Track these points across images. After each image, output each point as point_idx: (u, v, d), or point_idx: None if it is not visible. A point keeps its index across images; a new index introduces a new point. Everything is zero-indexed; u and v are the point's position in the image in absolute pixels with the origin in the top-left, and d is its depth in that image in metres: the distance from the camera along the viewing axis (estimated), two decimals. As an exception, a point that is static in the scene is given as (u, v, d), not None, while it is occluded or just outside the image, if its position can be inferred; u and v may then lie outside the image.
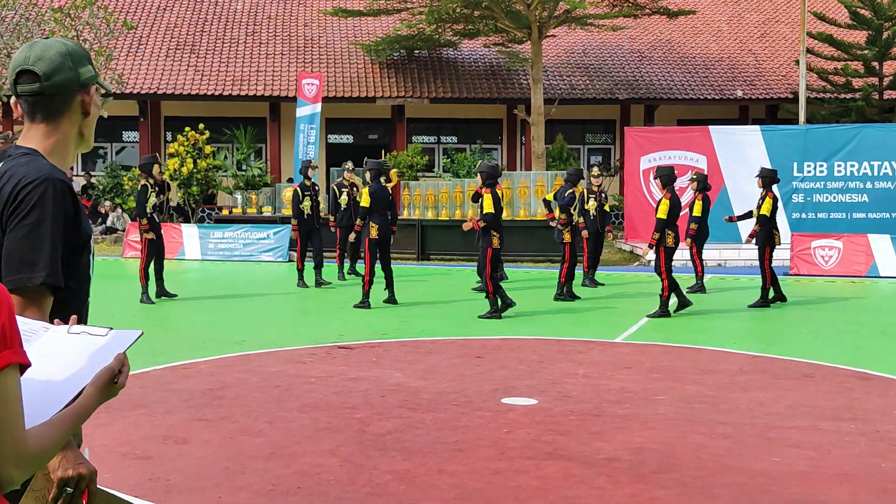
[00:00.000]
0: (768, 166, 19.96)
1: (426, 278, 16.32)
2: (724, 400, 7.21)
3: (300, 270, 15.07)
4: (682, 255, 19.17)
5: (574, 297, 13.48)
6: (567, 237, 13.43)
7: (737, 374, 8.24)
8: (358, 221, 13.02)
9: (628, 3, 25.75)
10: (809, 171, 20.10)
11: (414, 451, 5.77)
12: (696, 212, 14.09)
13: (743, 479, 5.28)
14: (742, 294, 14.34)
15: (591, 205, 14.50)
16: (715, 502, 4.93)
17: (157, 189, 13.27)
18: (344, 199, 15.80)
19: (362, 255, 17.65)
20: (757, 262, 17.49)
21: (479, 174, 12.14)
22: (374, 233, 12.64)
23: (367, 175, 12.97)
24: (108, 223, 23.75)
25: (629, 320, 11.56)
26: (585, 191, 14.50)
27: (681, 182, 20.46)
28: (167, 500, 4.89)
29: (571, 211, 13.62)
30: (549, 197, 15.03)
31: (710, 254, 16.05)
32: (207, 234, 19.86)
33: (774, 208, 12.89)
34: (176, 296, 13.45)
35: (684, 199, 20.03)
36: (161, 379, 7.87)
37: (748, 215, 13.63)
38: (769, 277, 12.86)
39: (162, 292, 13.31)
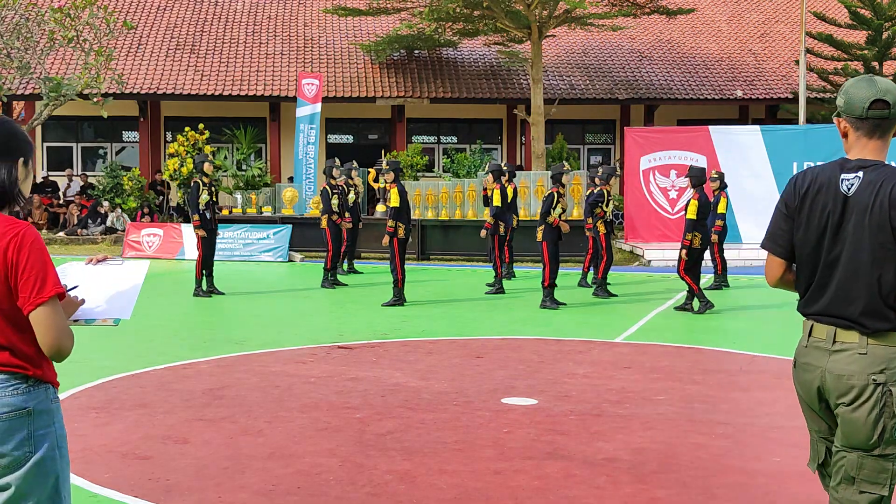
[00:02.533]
0: (768, 166, 20.02)
1: (426, 278, 16.31)
2: (724, 400, 7.21)
3: (327, 271, 14.94)
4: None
5: (610, 294, 13.88)
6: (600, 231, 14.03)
7: (737, 374, 8.25)
8: (390, 222, 12.94)
9: (628, 3, 25.74)
10: (809, 171, 20.09)
11: (414, 451, 5.77)
12: (721, 209, 14.33)
13: (743, 479, 5.28)
14: (742, 294, 14.33)
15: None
16: (715, 502, 4.94)
17: (208, 187, 13.80)
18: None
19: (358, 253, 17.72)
20: (758, 263, 17.51)
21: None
22: (401, 232, 12.89)
23: (388, 176, 13.13)
24: (108, 223, 23.75)
25: (629, 320, 11.56)
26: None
27: (681, 182, 20.49)
28: (167, 500, 4.89)
29: (604, 208, 14.13)
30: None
31: (710, 254, 16.04)
32: (207, 234, 19.83)
33: None
34: (223, 293, 13.86)
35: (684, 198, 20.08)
36: (161, 379, 7.87)
37: None
38: None
39: (211, 289, 13.88)
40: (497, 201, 14.27)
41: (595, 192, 14.39)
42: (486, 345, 9.74)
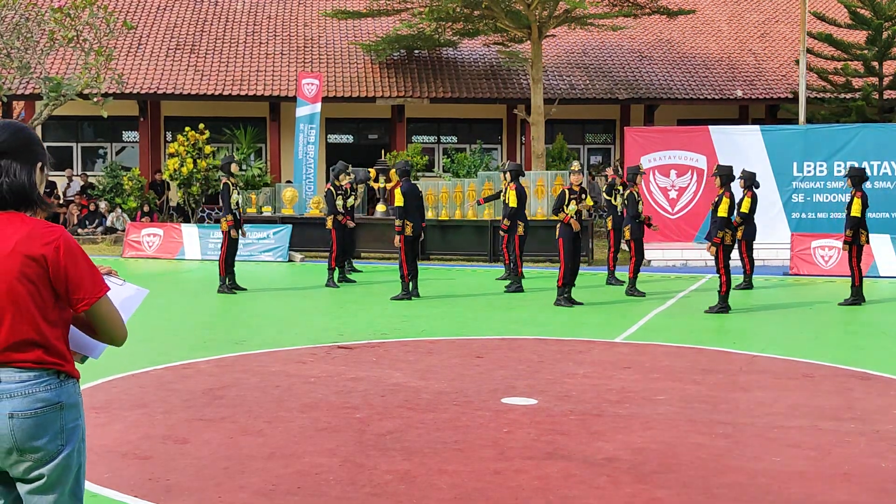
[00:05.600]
0: (768, 166, 20.00)
1: (426, 278, 16.29)
2: (724, 400, 7.21)
3: (332, 270, 15.14)
4: (681, 254, 19.21)
5: (640, 293, 14.00)
6: (627, 234, 14.34)
7: (737, 374, 8.25)
8: (397, 221, 13.55)
9: (628, 3, 25.74)
10: (809, 171, 20.09)
11: (414, 451, 5.77)
12: (744, 208, 14.46)
13: (743, 479, 5.28)
14: (742, 294, 14.33)
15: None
16: (715, 502, 4.94)
17: (237, 188, 14.31)
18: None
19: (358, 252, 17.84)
20: (757, 263, 17.52)
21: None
22: (409, 230, 13.38)
23: (394, 176, 13.66)
24: (108, 223, 23.75)
25: (629, 320, 11.56)
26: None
27: (681, 182, 20.49)
28: (167, 500, 4.89)
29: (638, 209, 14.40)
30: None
31: (707, 254, 16.06)
32: (207, 234, 19.86)
33: (864, 207, 13.02)
34: (245, 289, 14.16)
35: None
36: (161, 379, 7.87)
37: (851, 222, 12.99)
38: (858, 275, 12.98)
39: (233, 285, 14.07)
40: (513, 202, 14.40)
41: (626, 194, 14.64)
42: (486, 345, 9.74)
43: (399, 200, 13.43)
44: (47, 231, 2.89)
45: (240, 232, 14.20)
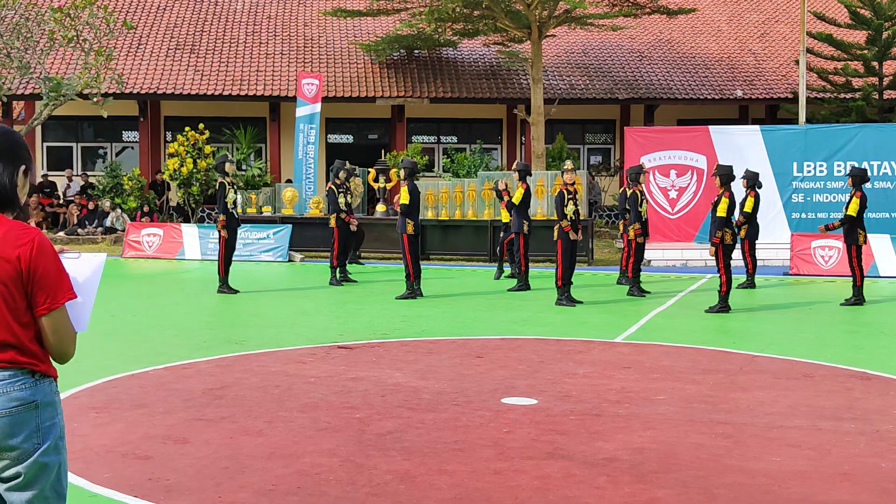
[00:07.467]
0: (768, 166, 20.02)
1: (426, 278, 16.30)
2: (724, 400, 7.21)
3: (334, 268, 15.23)
4: (681, 254, 19.20)
5: (643, 292, 14.02)
6: (631, 234, 14.32)
7: (737, 374, 8.25)
8: (409, 222, 13.64)
9: (628, 3, 25.75)
10: (809, 171, 20.10)
11: (414, 451, 5.77)
12: (748, 208, 14.52)
13: (743, 479, 5.28)
14: (742, 294, 14.33)
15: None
16: (715, 502, 4.94)
17: (233, 187, 14.22)
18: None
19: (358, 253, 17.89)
20: (757, 263, 17.55)
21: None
22: (410, 228, 13.48)
23: (401, 173, 13.83)
24: (108, 223, 23.74)
25: (629, 320, 11.56)
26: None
27: (681, 182, 20.49)
28: (167, 500, 4.89)
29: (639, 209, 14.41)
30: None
31: (707, 254, 16.09)
32: (207, 234, 19.85)
33: (862, 207, 13.03)
34: (238, 291, 14.04)
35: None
36: (161, 379, 7.87)
37: (847, 220, 13.07)
38: (859, 276, 13.00)
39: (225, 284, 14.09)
40: (517, 198, 14.60)
41: (629, 194, 14.61)
42: (486, 345, 9.74)
43: (406, 198, 13.48)
44: (23, 233, 2.90)
45: (230, 231, 13.99)
